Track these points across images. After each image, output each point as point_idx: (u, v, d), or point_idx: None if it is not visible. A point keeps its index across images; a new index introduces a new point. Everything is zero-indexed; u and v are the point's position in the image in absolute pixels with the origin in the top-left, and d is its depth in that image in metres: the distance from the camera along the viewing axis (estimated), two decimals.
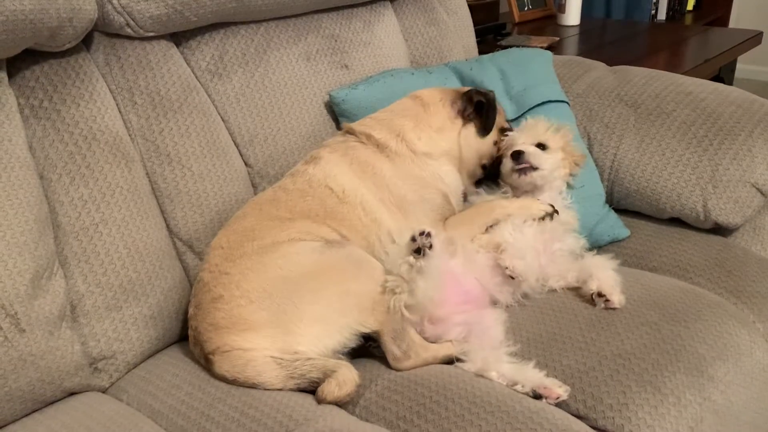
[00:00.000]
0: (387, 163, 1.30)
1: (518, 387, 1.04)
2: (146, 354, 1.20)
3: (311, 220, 1.20)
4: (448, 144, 1.37)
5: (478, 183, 1.43)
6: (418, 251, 1.07)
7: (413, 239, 1.07)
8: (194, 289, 1.17)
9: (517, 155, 1.31)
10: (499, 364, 1.07)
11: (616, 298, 1.18)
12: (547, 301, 1.23)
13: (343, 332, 1.07)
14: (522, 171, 1.31)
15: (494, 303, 1.22)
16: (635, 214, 1.51)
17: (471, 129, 1.39)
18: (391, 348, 1.09)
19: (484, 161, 1.42)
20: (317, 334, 1.06)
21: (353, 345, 1.08)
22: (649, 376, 1.03)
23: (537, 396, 1.02)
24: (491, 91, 1.41)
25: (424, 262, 1.06)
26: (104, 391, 1.15)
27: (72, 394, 1.11)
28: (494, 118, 1.39)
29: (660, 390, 1.01)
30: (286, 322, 1.05)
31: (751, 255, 1.39)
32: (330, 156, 1.30)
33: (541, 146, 1.34)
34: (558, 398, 1.02)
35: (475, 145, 1.39)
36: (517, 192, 1.35)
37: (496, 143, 1.41)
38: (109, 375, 1.15)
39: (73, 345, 1.08)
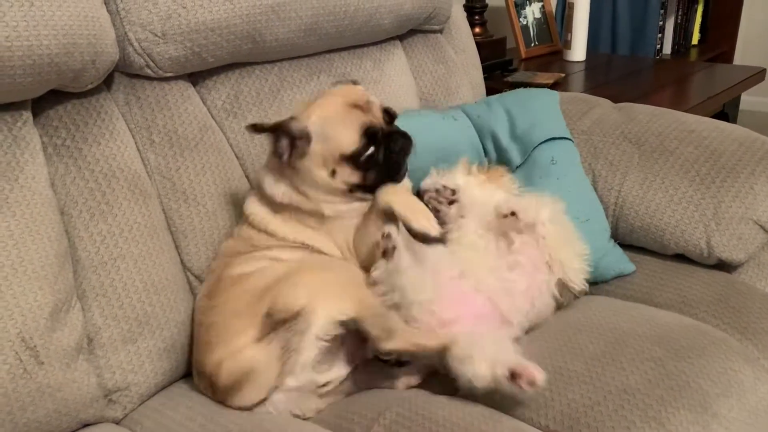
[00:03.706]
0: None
1: (498, 368, 1.02)
2: (159, 386, 1.22)
3: (262, 250, 1.24)
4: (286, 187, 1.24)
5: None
6: (384, 254, 1.11)
7: (377, 245, 1.12)
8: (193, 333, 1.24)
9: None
10: (483, 347, 1.07)
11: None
12: (552, 334, 1.25)
13: (324, 318, 1.08)
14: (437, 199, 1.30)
15: (506, 324, 1.22)
16: (640, 249, 1.53)
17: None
18: (372, 330, 1.09)
19: (342, 186, 1.20)
20: None
21: (335, 332, 1.08)
22: (653, 412, 1.04)
23: (513, 376, 1.01)
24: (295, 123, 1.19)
25: (394, 263, 1.10)
26: (118, 422, 1.17)
27: (86, 425, 1.13)
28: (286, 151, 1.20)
29: (664, 426, 1.03)
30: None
31: (756, 291, 1.40)
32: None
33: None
34: (533, 383, 1.00)
35: (310, 181, 1.20)
36: None
37: (333, 173, 1.19)
38: (123, 407, 1.17)
39: (89, 377, 1.11)
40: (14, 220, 1.04)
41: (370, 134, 1.18)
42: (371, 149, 1.18)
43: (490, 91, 1.96)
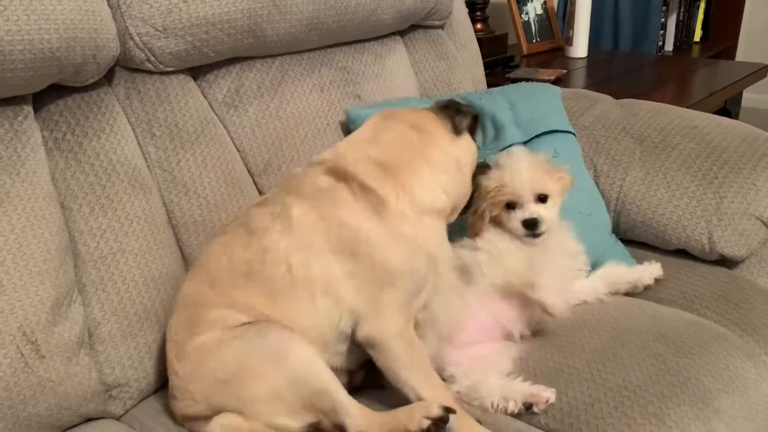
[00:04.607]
0: (377, 225, 1.05)
1: (510, 404, 1.06)
2: (159, 383, 1.22)
3: (242, 305, 1.06)
4: (451, 187, 1.14)
5: None
6: None
7: None
8: None
9: (532, 224, 1.20)
10: (488, 384, 1.09)
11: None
12: (553, 331, 1.25)
13: (285, 429, 1.01)
14: (533, 236, 1.22)
15: (506, 336, 1.23)
16: (641, 245, 1.53)
17: (464, 154, 1.17)
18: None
19: (462, 202, 1.19)
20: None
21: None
22: (654, 408, 1.04)
23: (528, 406, 1.06)
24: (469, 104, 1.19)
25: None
26: (118, 418, 1.17)
27: (88, 420, 1.13)
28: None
29: (665, 422, 1.03)
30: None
31: (757, 287, 1.40)
32: (303, 219, 1.06)
33: (543, 198, 1.23)
34: (547, 401, 1.05)
35: (464, 181, 1.17)
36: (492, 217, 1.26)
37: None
38: (123, 402, 1.17)
39: (90, 371, 1.11)
40: (15, 214, 1.04)
41: None
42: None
43: (492, 87, 1.96)
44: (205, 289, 1.10)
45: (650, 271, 1.39)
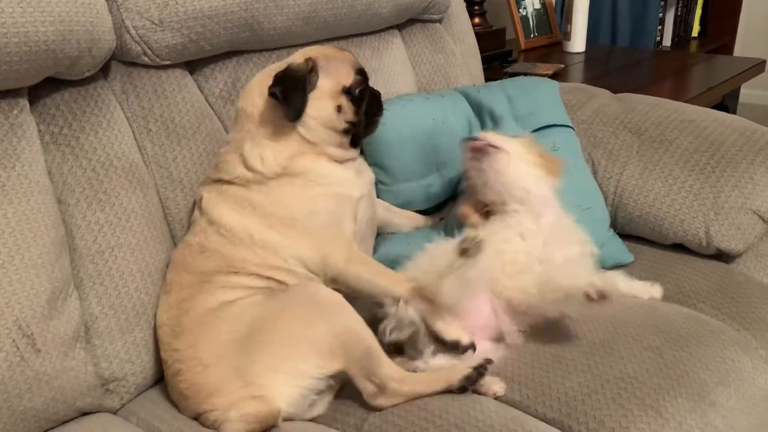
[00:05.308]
0: (259, 194, 1.19)
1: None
2: (156, 378, 1.22)
3: (225, 276, 1.15)
4: (289, 144, 1.21)
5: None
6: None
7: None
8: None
9: (469, 138, 1.17)
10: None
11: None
12: (551, 323, 1.25)
13: (304, 379, 1.05)
14: (479, 152, 1.18)
15: (498, 338, 1.20)
16: (638, 239, 1.53)
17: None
18: (364, 384, 1.06)
19: (339, 128, 1.24)
20: (277, 385, 1.04)
21: (323, 387, 1.08)
22: (651, 401, 1.04)
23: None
24: (293, 63, 1.23)
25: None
26: (115, 412, 1.17)
27: (84, 414, 1.13)
28: (300, 97, 1.20)
29: (662, 414, 1.03)
30: (244, 377, 1.05)
31: (754, 281, 1.41)
32: (208, 197, 1.21)
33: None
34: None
35: (316, 122, 1.22)
36: (489, 204, 1.24)
37: (339, 109, 1.23)
38: (120, 397, 1.17)
39: (87, 366, 1.11)
40: (11, 207, 1.04)
41: (361, 71, 1.28)
42: (364, 84, 1.27)
43: (489, 81, 1.95)
44: (181, 272, 1.18)
45: (649, 290, 1.33)
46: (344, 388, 1.14)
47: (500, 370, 1.13)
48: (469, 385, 1.06)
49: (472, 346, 1.12)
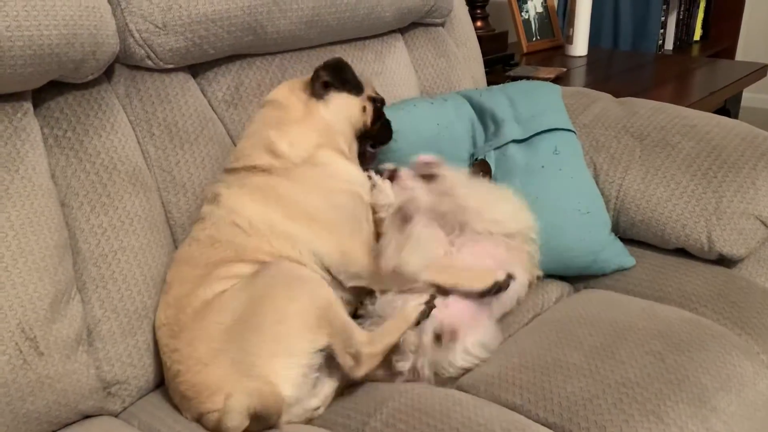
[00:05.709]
0: (285, 181, 1.22)
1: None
2: (158, 381, 1.22)
3: (226, 266, 1.16)
4: (316, 131, 1.27)
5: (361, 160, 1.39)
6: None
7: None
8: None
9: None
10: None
11: None
12: (551, 327, 1.25)
13: (301, 357, 1.06)
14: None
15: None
16: (640, 243, 1.53)
17: (331, 102, 1.31)
18: (344, 359, 1.09)
19: (358, 129, 1.34)
20: (278, 370, 1.05)
21: (317, 363, 1.08)
22: (652, 406, 1.04)
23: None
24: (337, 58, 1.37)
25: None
26: (116, 415, 1.17)
27: (86, 417, 1.13)
28: (354, 76, 1.34)
29: (663, 420, 1.03)
30: (242, 369, 1.05)
31: (756, 286, 1.40)
32: (228, 192, 1.22)
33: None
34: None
35: (344, 114, 1.32)
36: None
37: (364, 109, 1.35)
38: (122, 400, 1.17)
39: (89, 369, 1.11)
40: (14, 210, 1.04)
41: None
42: (383, 104, 1.41)
43: (492, 85, 1.96)
44: (184, 268, 1.19)
45: None
46: (344, 391, 1.15)
47: (501, 374, 1.13)
48: (424, 318, 1.14)
49: (510, 277, 1.19)
